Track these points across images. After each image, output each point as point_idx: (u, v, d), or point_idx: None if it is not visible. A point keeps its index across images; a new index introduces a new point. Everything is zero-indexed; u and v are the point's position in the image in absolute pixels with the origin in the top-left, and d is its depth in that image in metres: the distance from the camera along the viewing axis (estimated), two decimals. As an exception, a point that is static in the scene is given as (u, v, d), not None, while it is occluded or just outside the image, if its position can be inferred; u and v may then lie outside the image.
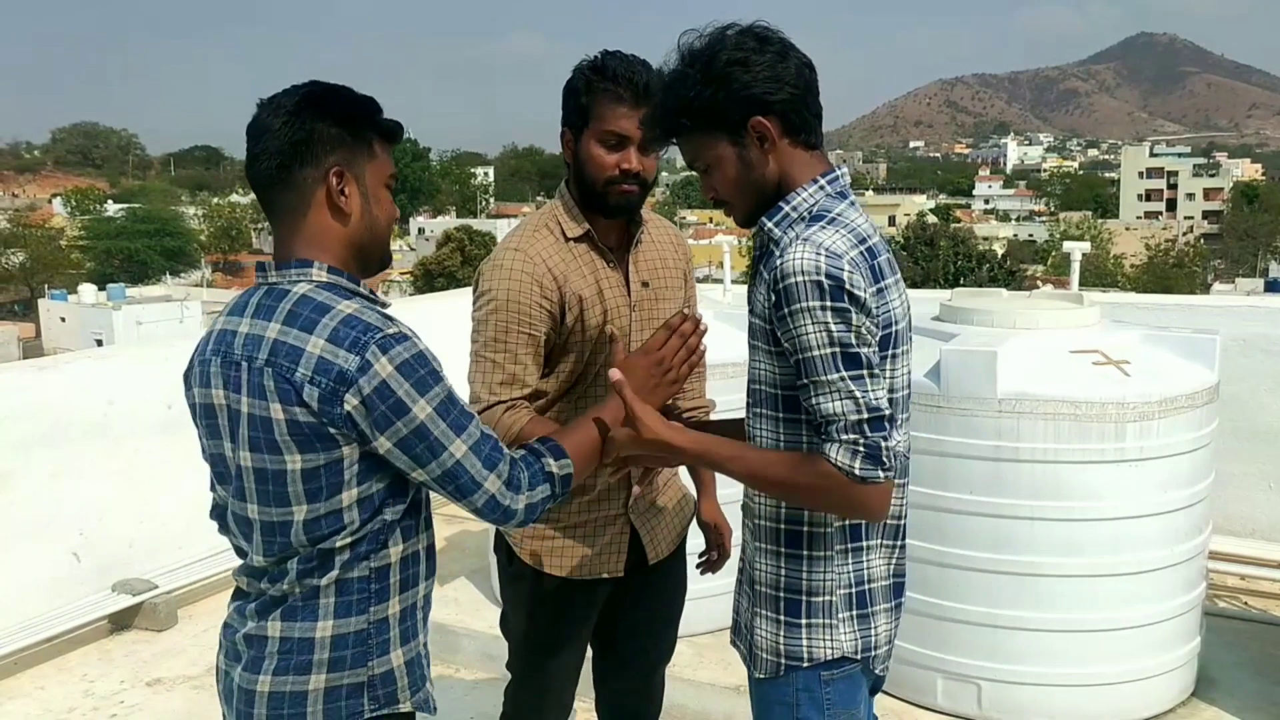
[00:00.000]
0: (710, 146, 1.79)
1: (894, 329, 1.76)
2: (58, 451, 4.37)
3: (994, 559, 3.36)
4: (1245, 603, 4.52)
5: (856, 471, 1.64)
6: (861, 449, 1.63)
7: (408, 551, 1.71)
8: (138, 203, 72.30)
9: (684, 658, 2.67)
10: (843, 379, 1.64)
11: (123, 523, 4.58)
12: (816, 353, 1.65)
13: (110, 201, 77.07)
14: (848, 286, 1.64)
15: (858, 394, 1.64)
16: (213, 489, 1.82)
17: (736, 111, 1.74)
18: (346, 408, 1.56)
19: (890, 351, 1.76)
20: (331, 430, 1.57)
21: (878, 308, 1.71)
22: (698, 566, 2.56)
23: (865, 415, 1.64)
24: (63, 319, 37.96)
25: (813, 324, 1.64)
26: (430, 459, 1.60)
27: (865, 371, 1.65)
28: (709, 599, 3.16)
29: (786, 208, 1.78)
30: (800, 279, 1.64)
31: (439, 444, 1.59)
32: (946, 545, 3.41)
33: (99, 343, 28.68)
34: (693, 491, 2.59)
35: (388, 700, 1.71)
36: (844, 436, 1.64)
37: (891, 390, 1.76)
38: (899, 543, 1.89)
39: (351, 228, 1.70)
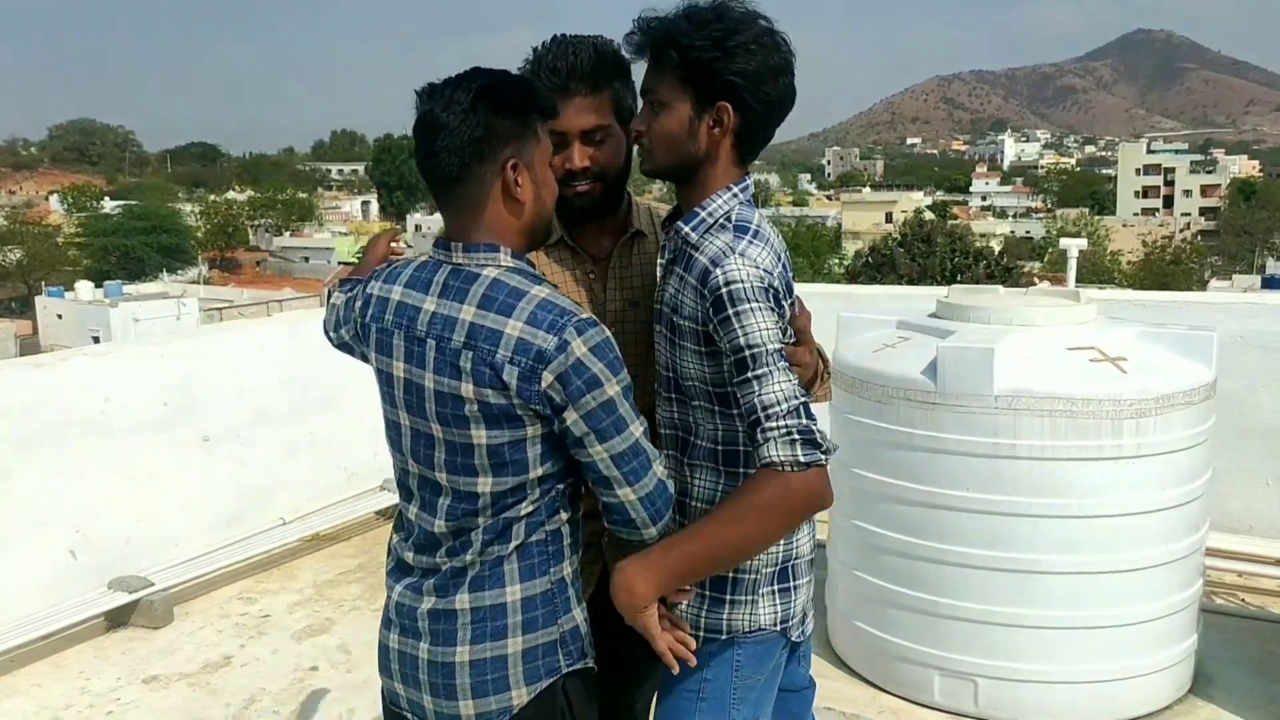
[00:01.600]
0: (676, 92, 1.82)
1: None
2: (55, 449, 4.36)
3: (991, 556, 3.36)
4: (1243, 600, 4.52)
5: (801, 458, 1.65)
6: (798, 435, 1.67)
7: (575, 517, 1.80)
8: (134, 200, 72.03)
9: (682, 655, 2.64)
10: (780, 370, 1.72)
11: (120, 520, 4.57)
12: (761, 348, 1.71)
13: (107, 198, 76.81)
14: (776, 295, 1.78)
15: (789, 386, 1.71)
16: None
17: (716, 86, 1.79)
18: (543, 384, 1.63)
19: None
20: (520, 412, 1.65)
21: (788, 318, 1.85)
22: None
23: (798, 403, 1.70)
24: (60, 316, 37.82)
25: (758, 322, 1.71)
26: (614, 434, 1.67)
27: (790, 365, 1.77)
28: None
29: (703, 214, 1.84)
30: (744, 284, 1.73)
31: (624, 421, 1.68)
32: (944, 543, 3.41)
33: (96, 340, 28.62)
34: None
35: (579, 655, 1.79)
36: (781, 423, 1.67)
37: None
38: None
39: (525, 215, 1.76)
